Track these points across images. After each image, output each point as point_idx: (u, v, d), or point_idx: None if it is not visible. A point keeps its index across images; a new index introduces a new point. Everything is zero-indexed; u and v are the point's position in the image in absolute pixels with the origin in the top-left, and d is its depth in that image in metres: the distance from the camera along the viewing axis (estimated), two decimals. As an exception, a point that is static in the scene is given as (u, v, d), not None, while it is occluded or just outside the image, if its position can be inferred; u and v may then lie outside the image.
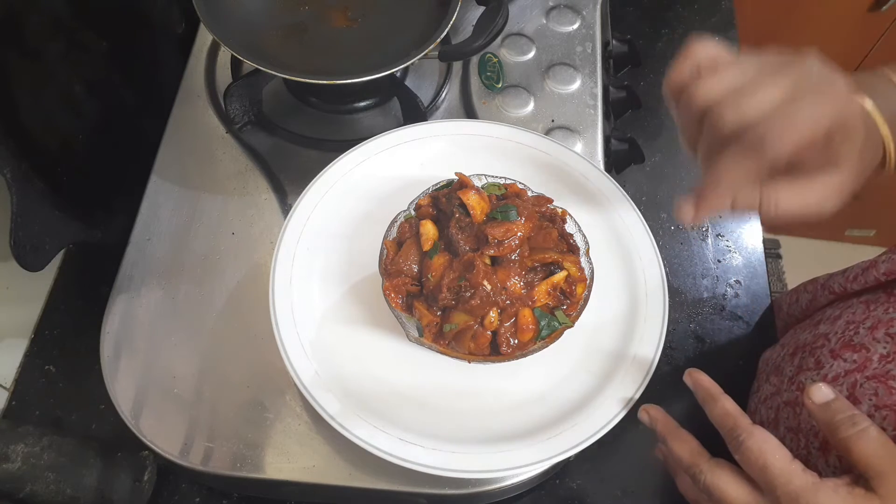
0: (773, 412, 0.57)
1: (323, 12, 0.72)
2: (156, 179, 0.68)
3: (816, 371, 0.54)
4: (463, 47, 0.67)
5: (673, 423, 0.48)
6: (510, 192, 0.56)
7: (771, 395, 0.58)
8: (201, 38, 0.78)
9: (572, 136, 0.71)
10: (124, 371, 0.58)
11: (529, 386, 0.54)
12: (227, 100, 0.69)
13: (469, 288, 0.49)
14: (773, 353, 0.63)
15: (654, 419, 0.49)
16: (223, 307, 0.61)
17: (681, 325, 0.69)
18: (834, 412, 0.43)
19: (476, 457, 0.49)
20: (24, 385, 0.64)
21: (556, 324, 0.51)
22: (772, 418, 0.57)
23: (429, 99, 0.74)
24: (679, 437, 0.47)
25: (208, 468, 0.55)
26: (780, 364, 0.60)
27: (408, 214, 0.56)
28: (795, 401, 0.54)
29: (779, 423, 0.55)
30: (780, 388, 0.57)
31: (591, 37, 0.78)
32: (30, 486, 0.51)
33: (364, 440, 0.49)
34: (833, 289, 0.61)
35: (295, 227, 0.58)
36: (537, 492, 0.60)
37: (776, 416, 0.56)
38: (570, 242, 0.54)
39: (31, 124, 0.59)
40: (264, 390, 0.58)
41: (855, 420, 0.42)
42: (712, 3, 0.92)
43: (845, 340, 0.53)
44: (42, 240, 0.57)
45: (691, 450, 0.46)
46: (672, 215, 0.75)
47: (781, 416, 0.56)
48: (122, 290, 0.62)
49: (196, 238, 0.65)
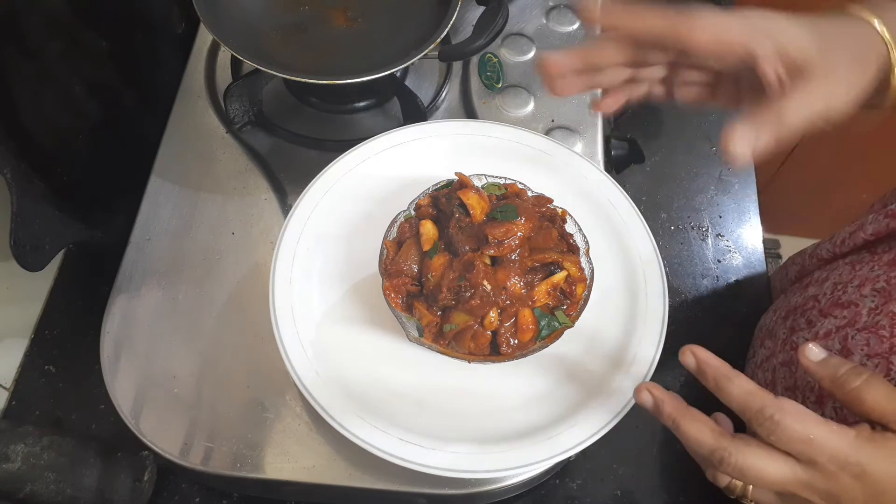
0: (769, 374, 0.58)
1: (323, 12, 0.72)
2: (156, 179, 0.68)
3: (808, 330, 0.55)
4: (463, 47, 0.67)
5: (682, 403, 0.45)
6: (510, 192, 0.56)
7: (766, 358, 0.60)
8: (201, 38, 0.78)
9: (572, 136, 0.71)
10: (124, 371, 0.58)
11: (529, 386, 0.54)
12: (227, 100, 0.69)
13: (469, 288, 0.49)
14: (766, 319, 0.64)
15: (660, 400, 0.45)
16: (223, 307, 0.61)
17: (681, 326, 0.69)
18: (835, 367, 0.42)
19: (476, 457, 0.49)
20: (24, 385, 0.64)
21: (556, 324, 0.51)
22: (769, 380, 0.58)
23: (429, 99, 0.74)
24: (693, 416, 0.43)
25: (208, 468, 0.55)
26: (773, 328, 0.61)
27: (408, 214, 0.56)
28: (790, 361, 0.56)
29: (776, 384, 0.56)
30: (775, 350, 0.59)
31: (591, 37, 0.78)
32: (30, 486, 0.51)
33: (364, 440, 0.49)
34: (821, 255, 0.63)
35: (295, 227, 0.58)
36: (537, 492, 0.60)
37: (773, 378, 0.57)
38: (570, 242, 0.54)
39: (31, 124, 0.59)
40: (264, 390, 0.58)
41: (858, 371, 0.42)
42: (712, 3, 0.92)
43: (834, 300, 0.55)
44: (42, 240, 0.57)
45: (711, 430, 0.42)
46: (671, 215, 0.76)
47: (778, 376, 0.57)
48: (122, 290, 0.62)
49: (196, 238, 0.65)
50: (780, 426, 0.40)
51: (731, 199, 0.77)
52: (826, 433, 0.40)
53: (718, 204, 0.76)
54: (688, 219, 0.76)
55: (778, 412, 0.40)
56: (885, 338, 0.50)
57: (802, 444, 0.40)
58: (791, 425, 0.40)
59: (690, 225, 0.75)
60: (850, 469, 0.40)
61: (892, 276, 0.53)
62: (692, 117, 0.83)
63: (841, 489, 0.40)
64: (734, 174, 0.79)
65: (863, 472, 0.40)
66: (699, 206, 0.76)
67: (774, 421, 0.40)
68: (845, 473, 0.40)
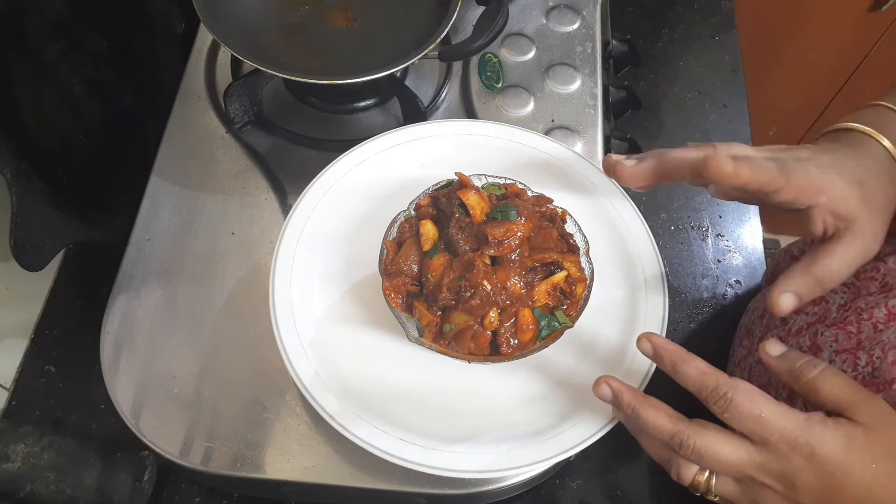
0: (746, 373, 0.59)
1: (323, 12, 0.72)
2: (156, 179, 0.68)
3: (782, 327, 0.57)
4: (463, 47, 0.67)
5: (640, 393, 0.47)
6: (510, 192, 0.56)
7: (744, 356, 0.61)
8: (201, 38, 0.78)
9: (572, 136, 0.71)
10: (124, 371, 0.58)
11: (529, 386, 0.54)
12: (227, 100, 0.69)
13: (469, 288, 0.49)
14: (745, 318, 0.65)
15: (619, 391, 0.46)
16: (223, 307, 0.61)
17: (681, 325, 0.69)
18: (792, 361, 0.45)
19: (476, 457, 0.49)
20: (24, 385, 0.64)
21: (556, 324, 0.51)
22: (745, 378, 0.58)
23: (429, 99, 0.74)
24: (651, 404, 0.45)
25: (208, 468, 0.55)
26: (751, 327, 0.62)
27: (408, 214, 0.56)
28: None
29: (752, 382, 0.57)
30: (751, 349, 0.60)
31: (591, 37, 0.78)
32: (30, 486, 0.51)
33: (364, 440, 0.49)
34: (794, 253, 0.65)
35: (295, 227, 0.58)
36: (537, 492, 0.60)
37: (749, 376, 0.59)
38: (570, 242, 0.54)
39: (31, 124, 0.59)
40: (264, 390, 0.58)
41: (814, 363, 0.44)
42: (712, 3, 0.92)
43: None
44: (42, 240, 0.57)
45: (669, 416, 0.44)
46: (671, 215, 0.76)
47: (754, 374, 0.58)
48: (122, 290, 0.62)
49: (196, 238, 0.65)
50: (733, 403, 0.42)
51: (731, 199, 0.77)
52: (776, 412, 0.42)
53: (718, 204, 0.76)
54: (688, 219, 0.76)
55: (731, 390, 0.42)
56: (853, 333, 0.50)
57: (754, 422, 0.42)
58: (742, 402, 0.42)
59: (690, 225, 0.75)
60: (801, 449, 0.41)
61: (860, 272, 0.53)
62: (692, 117, 0.83)
63: (793, 470, 0.41)
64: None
65: (812, 453, 0.41)
66: (699, 206, 0.76)
67: (727, 398, 0.42)
68: (796, 454, 0.41)
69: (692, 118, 0.83)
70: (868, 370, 0.48)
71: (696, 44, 0.89)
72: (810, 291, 0.47)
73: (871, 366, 0.48)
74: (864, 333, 0.50)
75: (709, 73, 0.86)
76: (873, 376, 0.48)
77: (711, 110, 0.83)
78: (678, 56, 0.88)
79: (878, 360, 0.48)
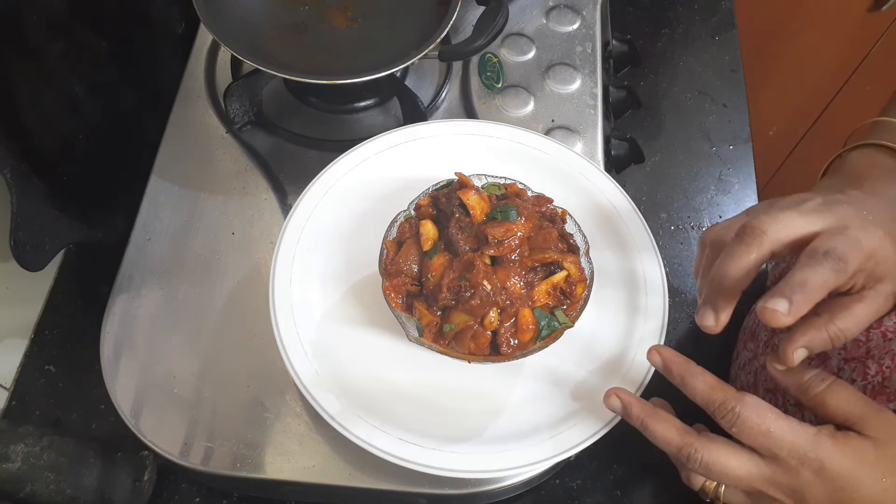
0: (751, 376, 0.58)
1: (323, 12, 0.72)
2: (156, 179, 0.68)
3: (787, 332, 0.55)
4: (463, 47, 0.67)
5: (649, 405, 0.46)
6: (510, 192, 0.56)
7: (749, 360, 0.60)
8: (201, 38, 0.78)
9: (572, 136, 0.71)
10: (124, 371, 0.58)
11: (529, 386, 0.54)
12: (227, 100, 0.69)
13: (469, 288, 0.49)
14: (748, 321, 0.64)
15: (628, 403, 0.46)
16: (223, 307, 0.61)
17: (681, 325, 0.69)
18: (800, 374, 0.44)
19: (476, 457, 0.49)
20: (24, 385, 0.64)
21: (556, 324, 0.51)
22: (751, 382, 0.58)
23: (429, 99, 0.74)
24: (659, 417, 0.45)
25: (208, 468, 0.55)
26: (755, 330, 0.61)
27: (408, 214, 0.56)
28: None
29: (758, 386, 0.56)
30: (757, 352, 0.59)
31: (591, 37, 0.78)
32: (30, 486, 0.51)
33: (364, 440, 0.49)
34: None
35: (295, 227, 0.58)
36: (537, 492, 0.60)
37: (755, 380, 0.58)
38: (570, 242, 0.54)
39: (31, 124, 0.59)
40: (264, 390, 0.58)
41: (822, 376, 0.44)
42: (712, 3, 0.92)
43: None
44: (42, 240, 0.57)
45: (677, 429, 0.44)
46: (671, 215, 0.76)
47: (759, 378, 0.57)
48: (122, 290, 0.62)
49: (196, 238, 0.65)
50: (741, 417, 0.42)
51: (731, 199, 0.77)
52: (785, 427, 0.41)
53: (718, 204, 0.76)
54: (688, 219, 0.76)
55: (739, 404, 0.42)
56: (862, 342, 0.49)
57: (762, 437, 0.41)
58: (749, 416, 0.41)
59: (690, 225, 0.75)
60: (810, 464, 0.40)
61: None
62: (692, 117, 0.83)
63: (803, 485, 0.41)
64: (734, 174, 0.79)
65: (822, 468, 0.40)
66: (699, 206, 0.76)
67: (735, 413, 0.42)
68: (805, 469, 0.41)
69: (692, 118, 0.83)
70: (878, 380, 0.47)
71: (696, 44, 0.89)
72: (821, 346, 0.44)
73: (881, 375, 0.47)
74: (874, 342, 0.49)
75: (709, 73, 0.86)
76: (883, 386, 0.47)
77: (711, 110, 0.83)
78: (678, 56, 0.88)
79: (889, 370, 0.47)
